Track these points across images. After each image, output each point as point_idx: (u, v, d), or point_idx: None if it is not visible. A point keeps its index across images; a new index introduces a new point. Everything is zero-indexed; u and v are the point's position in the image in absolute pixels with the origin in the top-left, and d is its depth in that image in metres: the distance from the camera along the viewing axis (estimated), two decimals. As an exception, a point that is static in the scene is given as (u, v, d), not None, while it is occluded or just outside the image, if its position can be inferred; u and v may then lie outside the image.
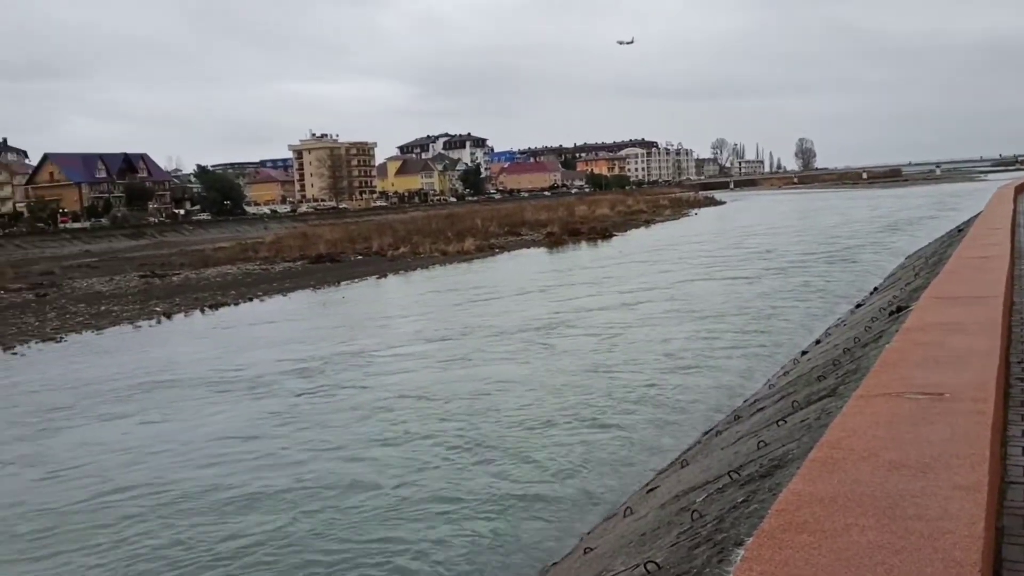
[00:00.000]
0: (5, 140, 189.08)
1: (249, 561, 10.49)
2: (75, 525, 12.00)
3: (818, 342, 18.71)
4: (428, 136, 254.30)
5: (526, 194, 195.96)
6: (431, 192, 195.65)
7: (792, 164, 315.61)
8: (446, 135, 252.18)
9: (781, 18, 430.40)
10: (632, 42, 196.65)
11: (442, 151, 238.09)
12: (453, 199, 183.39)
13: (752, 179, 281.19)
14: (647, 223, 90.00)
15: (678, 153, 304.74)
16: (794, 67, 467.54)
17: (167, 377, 22.06)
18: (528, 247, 62.90)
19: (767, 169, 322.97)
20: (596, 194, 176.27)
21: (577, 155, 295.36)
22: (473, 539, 10.66)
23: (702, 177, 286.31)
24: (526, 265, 50.54)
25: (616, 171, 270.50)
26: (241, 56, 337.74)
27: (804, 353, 17.70)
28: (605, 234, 70.11)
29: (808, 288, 32.35)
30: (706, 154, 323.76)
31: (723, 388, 17.35)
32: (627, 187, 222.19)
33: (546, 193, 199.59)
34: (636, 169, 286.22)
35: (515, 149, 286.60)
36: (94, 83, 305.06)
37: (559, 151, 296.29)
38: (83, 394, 20.51)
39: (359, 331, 28.26)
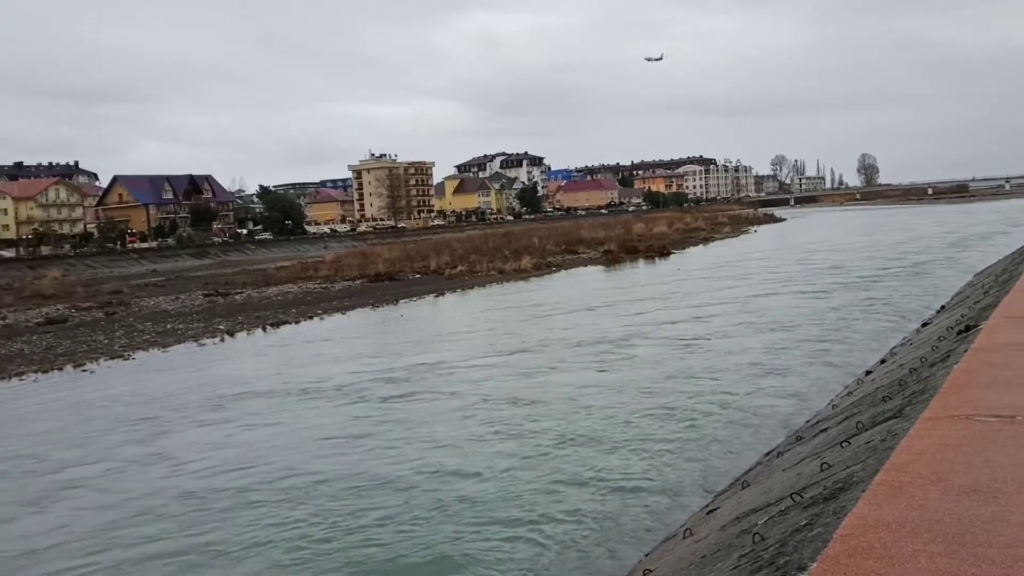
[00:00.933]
0: (77, 163, 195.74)
1: (388, 530, 11.75)
2: (218, 504, 13.33)
3: (883, 361, 18.31)
4: (485, 155, 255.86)
5: (583, 212, 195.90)
6: (488, 211, 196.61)
7: (854, 180, 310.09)
8: (503, 154, 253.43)
9: (840, 32, 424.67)
10: (661, 58, 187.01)
11: (499, 170, 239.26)
12: (510, 217, 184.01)
13: (813, 196, 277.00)
14: (706, 240, 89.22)
15: (737, 170, 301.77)
16: (855, 81, 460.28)
17: (250, 389, 22.67)
18: (585, 265, 62.78)
19: (828, 185, 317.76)
20: (653, 212, 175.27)
21: (634, 173, 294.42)
22: (538, 552, 10.78)
23: (761, 194, 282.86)
24: (585, 282, 50.43)
25: (674, 188, 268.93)
26: (302, 79, 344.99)
27: (868, 373, 17.32)
28: (663, 252, 69.67)
29: (874, 304, 31.76)
30: (765, 171, 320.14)
31: (788, 405, 17.10)
32: (685, 204, 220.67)
33: (603, 211, 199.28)
34: (694, 186, 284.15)
35: (572, 167, 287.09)
36: (162, 107, 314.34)
37: (616, 169, 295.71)
38: (169, 406, 21.13)
39: (432, 344, 28.69)
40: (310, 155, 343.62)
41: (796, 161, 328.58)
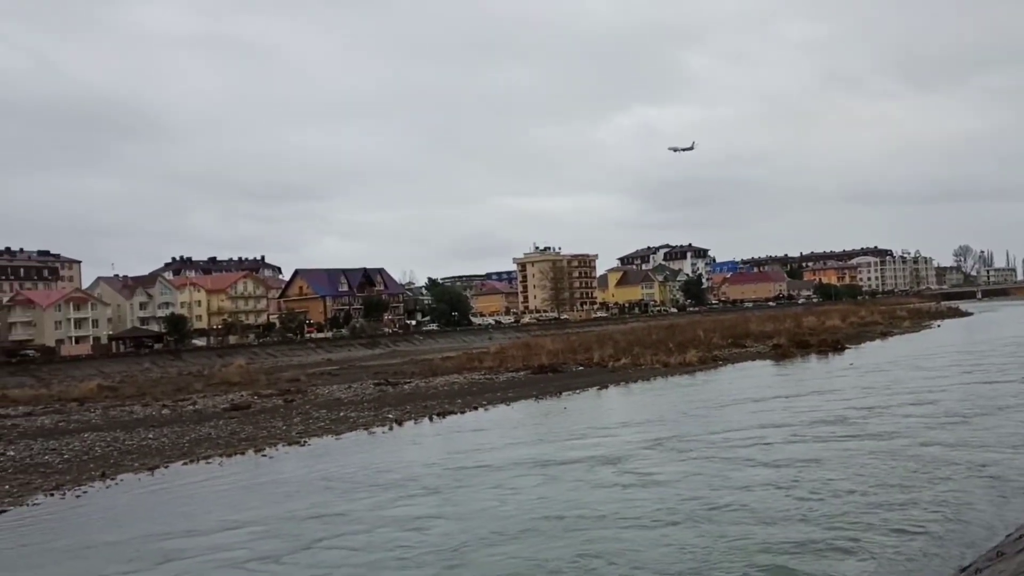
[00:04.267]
0: (263, 257, 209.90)
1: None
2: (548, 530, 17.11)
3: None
4: (648, 247, 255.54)
5: (749, 304, 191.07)
6: (651, 303, 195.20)
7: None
8: (667, 246, 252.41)
9: (1021, 119, 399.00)
10: (692, 148, 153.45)
11: (663, 262, 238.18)
12: (674, 310, 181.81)
13: (1003, 288, 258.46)
14: (883, 335, 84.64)
15: (915, 261, 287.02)
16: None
17: (415, 473, 23.95)
18: (753, 359, 60.75)
19: (1020, 277, 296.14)
20: (825, 305, 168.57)
21: (803, 264, 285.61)
22: None
23: (943, 287, 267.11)
24: (754, 376, 48.67)
25: (846, 281, 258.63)
26: (469, 175, 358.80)
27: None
28: (837, 346, 66.40)
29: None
30: (947, 262, 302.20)
31: (986, 512, 15.77)
32: (859, 297, 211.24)
33: (771, 304, 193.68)
34: (868, 278, 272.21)
35: (737, 259, 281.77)
36: (339, 204, 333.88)
37: (784, 260, 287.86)
38: (339, 487, 22.61)
39: (597, 437, 28.65)
40: (476, 248, 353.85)
41: (983, 252, 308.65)
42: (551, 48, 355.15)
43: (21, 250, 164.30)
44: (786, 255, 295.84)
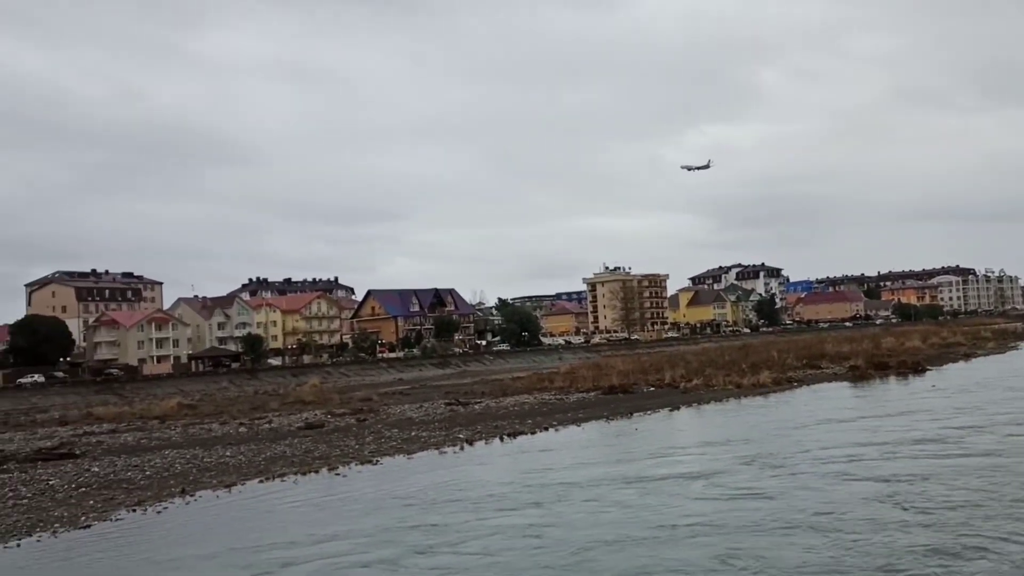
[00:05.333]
0: (336, 279, 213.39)
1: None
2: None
3: None
4: (720, 267, 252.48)
5: (824, 325, 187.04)
6: (723, 323, 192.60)
7: None
8: (739, 265, 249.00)
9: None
10: (708, 166, 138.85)
11: (735, 281, 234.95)
12: (746, 330, 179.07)
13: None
14: (966, 356, 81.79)
15: (1000, 280, 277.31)
16: None
17: (564, 481, 24.59)
18: (829, 380, 59.32)
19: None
20: (904, 325, 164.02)
21: (881, 284, 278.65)
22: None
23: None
24: (831, 398, 47.51)
25: (926, 300, 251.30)
26: (540, 195, 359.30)
27: None
28: (917, 368, 64.35)
29: None
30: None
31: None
32: (940, 318, 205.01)
33: (847, 324, 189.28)
34: (950, 298, 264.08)
35: (812, 279, 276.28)
36: (410, 225, 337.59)
37: (860, 280, 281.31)
38: (476, 497, 23.31)
39: (674, 457, 28.37)
40: (546, 268, 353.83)
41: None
42: (621, 68, 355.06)
43: (107, 272, 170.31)
44: (863, 274, 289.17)
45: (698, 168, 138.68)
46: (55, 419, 61.63)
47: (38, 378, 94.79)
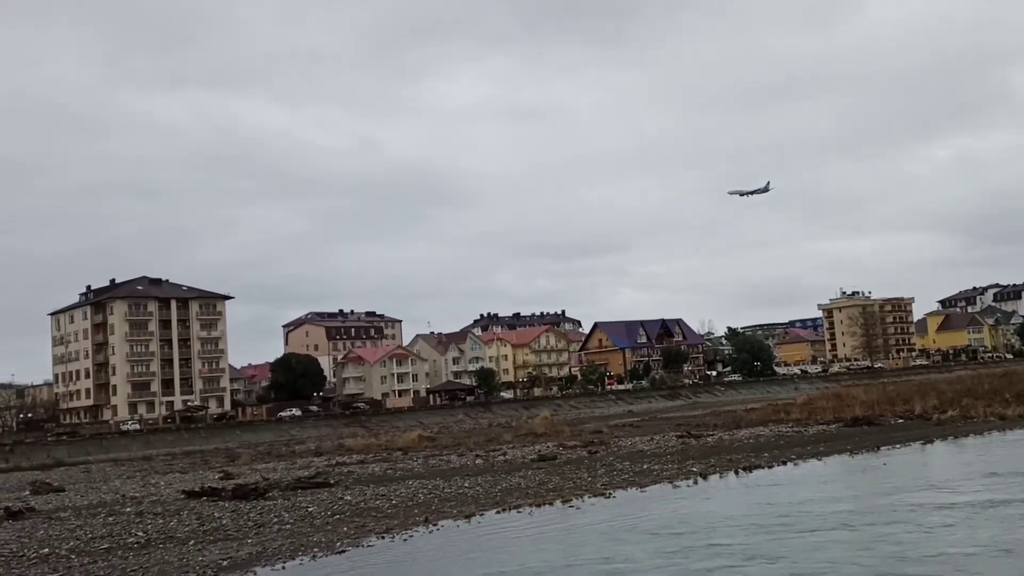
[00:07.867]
0: (563, 312, 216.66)
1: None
2: None
3: None
4: (974, 287, 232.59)
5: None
6: (981, 348, 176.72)
7: None
8: (996, 285, 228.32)
9: None
10: (768, 189, 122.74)
11: (992, 303, 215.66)
12: (1009, 356, 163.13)
13: None
14: None
15: None
16: None
17: (738, 525, 23.28)
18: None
19: None
20: None
21: None
22: None
23: None
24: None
25: None
26: (762, 220, 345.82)
27: None
28: None
29: None
30: None
31: None
32: None
33: None
34: None
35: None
36: (633, 256, 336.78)
37: None
38: (737, 526, 22.57)
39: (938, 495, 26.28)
40: (776, 295, 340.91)
41: None
42: (841, 85, 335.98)
43: (352, 312, 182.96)
44: None
45: (752, 192, 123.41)
46: (311, 450, 66.74)
47: (295, 412, 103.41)
